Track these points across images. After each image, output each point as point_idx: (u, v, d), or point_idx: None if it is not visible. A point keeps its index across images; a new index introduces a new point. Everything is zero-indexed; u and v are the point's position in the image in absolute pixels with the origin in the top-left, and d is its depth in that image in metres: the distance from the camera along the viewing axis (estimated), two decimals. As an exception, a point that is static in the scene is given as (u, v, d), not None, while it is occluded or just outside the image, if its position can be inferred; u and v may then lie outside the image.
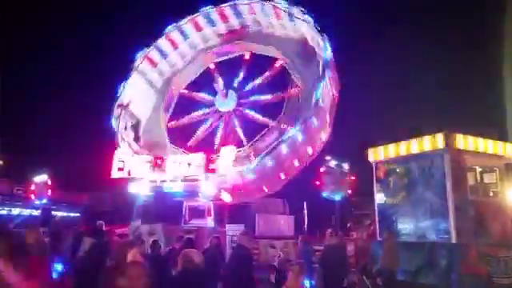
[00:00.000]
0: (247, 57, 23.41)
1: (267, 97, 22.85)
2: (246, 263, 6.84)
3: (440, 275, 9.10)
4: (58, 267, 12.07)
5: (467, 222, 9.50)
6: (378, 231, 11.07)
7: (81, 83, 40.01)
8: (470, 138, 10.18)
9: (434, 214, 9.82)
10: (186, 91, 24.59)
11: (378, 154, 11.32)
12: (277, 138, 19.69)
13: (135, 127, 23.14)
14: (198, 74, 24.61)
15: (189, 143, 23.50)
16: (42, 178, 23.36)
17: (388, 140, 11.31)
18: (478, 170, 10.97)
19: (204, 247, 10.17)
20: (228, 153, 17.95)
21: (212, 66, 24.01)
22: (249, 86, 23.08)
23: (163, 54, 23.45)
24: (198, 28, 23.05)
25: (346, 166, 18.99)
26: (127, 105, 22.29)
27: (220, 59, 24.10)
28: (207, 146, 22.28)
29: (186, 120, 23.99)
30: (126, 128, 22.10)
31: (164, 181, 18.71)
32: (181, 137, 23.80)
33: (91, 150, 26.35)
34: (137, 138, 22.66)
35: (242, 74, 23.48)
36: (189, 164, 18.39)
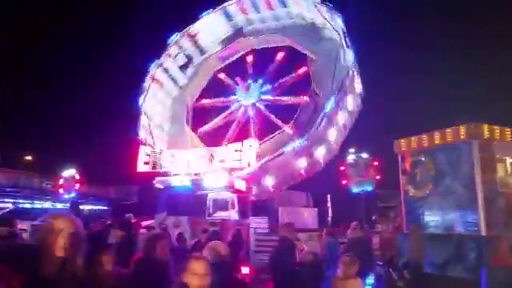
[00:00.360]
0: (249, 58, 23.62)
1: (288, 98, 23.00)
2: (289, 254, 7.01)
3: (469, 268, 8.93)
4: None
5: (497, 214, 9.28)
6: (404, 223, 10.93)
7: (106, 82, 40.69)
8: (500, 128, 9.90)
9: (463, 206, 9.61)
10: (222, 74, 24.81)
11: (404, 146, 11.13)
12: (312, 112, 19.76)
13: (159, 129, 23.54)
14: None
15: (204, 128, 23.82)
16: (69, 172, 23.96)
17: (414, 131, 11.11)
18: (509, 161, 10.66)
19: (227, 239, 10.26)
20: (252, 145, 18.00)
21: (250, 59, 24.18)
22: (266, 87, 23.30)
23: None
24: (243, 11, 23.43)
25: (366, 156, 18.81)
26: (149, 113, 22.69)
27: (225, 63, 24.46)
28: (220, 136, 22.66)
29: (208, 102, 24.35)
30: (151, 129, 22.45)
31: (188, 174, 18.93)
32: (199, 121, 24.18)
33: (117, 144, 26.83)
34: (161, 138, 23.01)
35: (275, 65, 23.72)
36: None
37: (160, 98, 23.64)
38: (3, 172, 24.37)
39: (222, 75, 24.66)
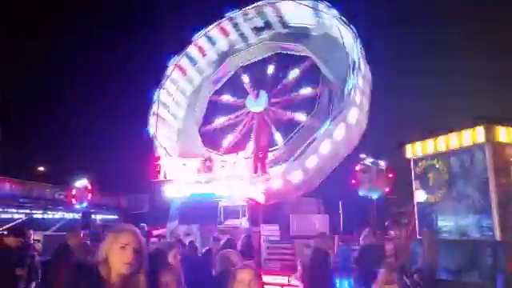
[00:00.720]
0: (271, 68, 23.65)
1: (297, 93, 22.82)
2: (324, 264, 7.56)
3: (484, 274, 8.78)
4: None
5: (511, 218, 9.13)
6: (417, 229, 10.80)
7: (116, 88, 41.12)
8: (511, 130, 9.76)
9: (477, 211, 9.48)
10: (217, 96, 24.93)
11: (415, 150, 11.04)
12: (310, 135, 19.51)
13: (170, 133, 23.64)
14: (227, 78, 24.94)
15: (223, 145, 23.75)
16: (81, 182, 24.12)
17: (426, 136, 11.01)
18: (523, 163, 10.50)
19: (238, 247, 10.20)
20: (263, 153, 18.00)
21: (240, 71, 24.28)
22: (279, 85, 23.19)
23: (192, 61, 23.86)
24: (225, 33, 23.32)
25: (382, 163, 18.62)
26: (161, 113, 22.81)
27: (248, 62, 24.34)
28: (241, 148, 22.51)
29: (220, 122, 24.25)
30: (161, 134, 22.57)
31: (208, 181, 18.94)
32: (214, 141, 24.10)
33: (128, 154, 27.05)
34: (172, 144, 23.10)
35: (270, 72, 23.61)
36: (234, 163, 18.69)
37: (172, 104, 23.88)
38: (17, 183, 24.65)
39: (245, 77, 24.39)
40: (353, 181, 18.64)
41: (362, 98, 18.55)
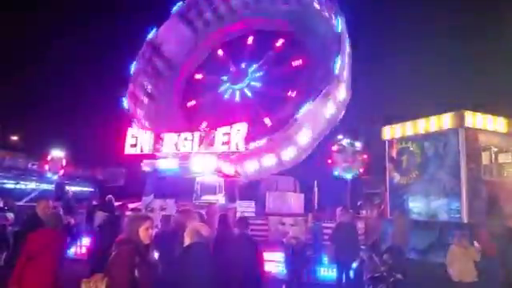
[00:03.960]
0: (250, 39, 23.42)
1: (279, 67, 22.75)
2: (351, 233, 8.80)
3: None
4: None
5: (479, 202, 9.43)
6: (388, 210, 11.05)
7: (94, 59, 40.06)
8: (485, 117, 9.99)
9: (447, 194, 9.75)
10: (197, 75, 24.67)
11: (391, 133, 11.21)
12: (293, 110, 19.42)
13: (147, 106, 23.32)
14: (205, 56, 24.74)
15: (190, 103, 23.71)
16: (56, 153, 23.70)
17: (403, 119, 11.16)
18: (494, 149, 10.79)
19: (215, 225, 10.22)
20: (241, 128, 17.83)
21: (220, 51, 24.02)
22: (260, 61, 23.07)
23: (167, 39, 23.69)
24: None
25: (358, 145, 18.85)
26: (140, 81, 22.47)
27: (226, 39, 24.17)
28: (203, 114, 22.54)
29: (204, 98, 24.06)
30: (137, 106, 22.25)
31: (176, 157, 18.77)
32: (197, 118, 23.91)
33: (105, 126, 26.56)
34: (149, 117, 22.80)
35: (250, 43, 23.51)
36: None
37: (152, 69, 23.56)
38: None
39: (220, 52, 24.19)
40: (329, 161, 18.85)
41: (347, 73, 18.62)
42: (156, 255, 5.59)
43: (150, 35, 23.37)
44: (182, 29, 24.03)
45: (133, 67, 22.78)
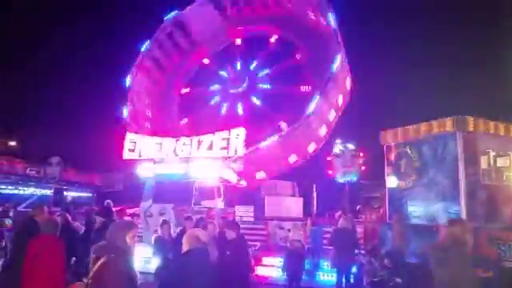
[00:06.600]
0: (273, 40, 23.11)
1: (276, 65, 22.57)
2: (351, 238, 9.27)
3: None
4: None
5: (478, 206, 9.41)
6: (387, 214, 11.03)
7: (93, 65, 40.12)
8: (484, 121, 10.00)
9: (445, 198, 9.73)
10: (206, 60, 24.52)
11: (389, 137, 11.20)
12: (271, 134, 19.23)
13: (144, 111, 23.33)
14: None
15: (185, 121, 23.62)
16: (54, 159, 23.67)
17: (400, 123, 11.17)
18: (492, 153, 10.78)
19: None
20: (239, 133, 17.79)
21: (239, 42, 23.86)
22: (262, 73, 22.99)
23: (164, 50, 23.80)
24: None
25: (352, 146, 18.86)
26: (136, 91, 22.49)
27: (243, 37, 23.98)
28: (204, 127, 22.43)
29: (198, 91, 24.04)
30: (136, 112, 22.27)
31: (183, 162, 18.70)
32: (187, 109, 23.87)
33: (103, 132, 26.55)
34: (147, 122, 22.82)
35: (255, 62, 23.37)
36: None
37: (148, 83, 23.45)
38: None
39: (206, 61, 24.12)
40: (330, 171, 18.85)
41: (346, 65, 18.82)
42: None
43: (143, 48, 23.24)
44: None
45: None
